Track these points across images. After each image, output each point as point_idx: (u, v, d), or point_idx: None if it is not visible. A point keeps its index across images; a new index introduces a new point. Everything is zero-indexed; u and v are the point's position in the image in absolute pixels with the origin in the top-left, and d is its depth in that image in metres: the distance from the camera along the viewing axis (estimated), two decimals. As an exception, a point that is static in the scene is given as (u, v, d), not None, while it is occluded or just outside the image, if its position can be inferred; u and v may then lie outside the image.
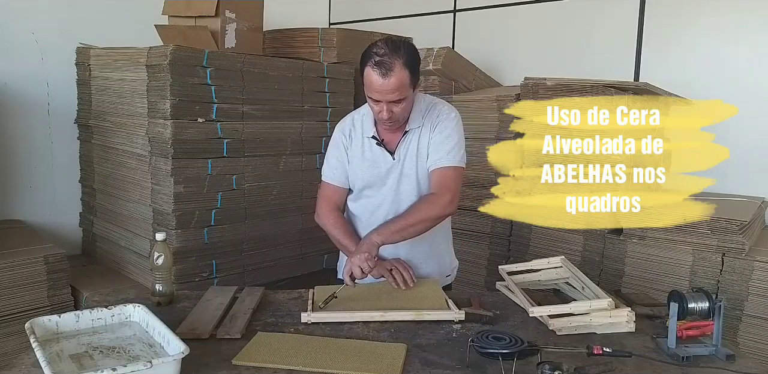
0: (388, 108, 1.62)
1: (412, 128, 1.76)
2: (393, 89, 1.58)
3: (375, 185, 1.80)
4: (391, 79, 1.56)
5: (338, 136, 1.83)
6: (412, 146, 1.77)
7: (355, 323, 1.49)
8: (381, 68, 1.56)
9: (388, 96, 1.59)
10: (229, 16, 2.67)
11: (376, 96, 1.60)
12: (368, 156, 1.78)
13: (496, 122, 2.76)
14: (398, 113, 1.64)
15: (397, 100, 1.60)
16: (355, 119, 1.83)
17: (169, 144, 2.33)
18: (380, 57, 1.56)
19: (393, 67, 1.56)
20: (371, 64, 1.57)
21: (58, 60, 2.90)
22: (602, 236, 2.45)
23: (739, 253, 2.17)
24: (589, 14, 3.13)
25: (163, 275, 1.59)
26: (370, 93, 1.62)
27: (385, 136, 1.78)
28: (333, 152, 1.84)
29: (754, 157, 2.71)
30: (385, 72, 1.55)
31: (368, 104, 1.68)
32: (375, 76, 1.57)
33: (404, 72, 1.58)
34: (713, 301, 1.39)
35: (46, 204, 2.98)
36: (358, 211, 1.87)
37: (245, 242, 2.67)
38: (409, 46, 1.63)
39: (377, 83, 1.57)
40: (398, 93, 1.59)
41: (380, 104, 1.62)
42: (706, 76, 2.81)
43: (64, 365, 1.17)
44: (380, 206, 1.81)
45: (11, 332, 2.29)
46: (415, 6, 3.82)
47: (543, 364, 1.15)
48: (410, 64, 1.60)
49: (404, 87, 1.60)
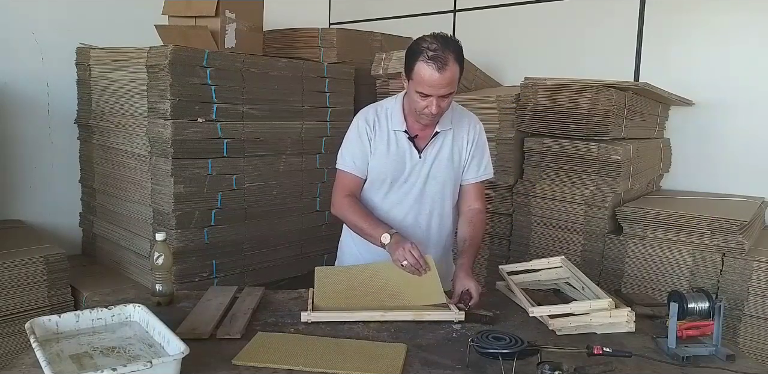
0: (438, 103, 1.62)
1: (443, 129, 1.77)
2: (447, 84, 1.59)
3: (396, 182, 1.80)
4: (447, 73, 1.57)
5: (362, 125, 1.79)
6: (443, 149, 1.78)
7: (355, 323, 1.50)
8: (436, 62, 1.56)
9: (440, 90, 1.60)
10: (229, 16, 2.67)
11: (429, 91, 1.60)
12: (394, 150, 1.77)
13: (496, 122, 2.76)
14: (444, 107, 1.66)
15: (447, 94, 1.62)
16: (379, 111, 1.81)
17: (169, 144, 2.33)
18: (433, 52, 1.56)
19: (447, 62, 1.57)
20: (424, 59, 1.57)
21: (58, 60, 2.90)
22: (602, 236, 2.45)
23: (739, 253, 2.17)
24: (589, 14, 3.13)
25: (163, 275, 1.59)
26: (421, 88, 1.61)
27: (417, 132, 1.77)
28: (355, 140, 1.79)
29: (754, 157, 2.72)
30: (440, 66, 1.56)
31: (412, 99, 1.66)
32: (430, 70, 1.56)
33: (456, 67, 1.60)
34: (713, 301, 1.39)
35: (46, 204, 2.98)
36: (375, 206, 1.85)
37: (245, 242, 2.67)
38: (457, 42, 1.65)
39: (433, 78, 1.57)
40: (450, 87, 1.61)
41: (429, 99, 1.62)
42: (706, 76, 2.81)
43: (64, 365, 1.17)
44: (398, 204, 1.81)
45: (11, 332, 2.28)
46: (415, 6, 3.82)
47: (543, 364, 1.15)
48: (460, 58, 1.63)
49: (455, 82, 1.62)
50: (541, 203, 2.61)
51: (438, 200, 1.83)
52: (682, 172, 2.97)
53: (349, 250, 1.95)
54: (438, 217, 1.85)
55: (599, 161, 2.45)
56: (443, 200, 1.84)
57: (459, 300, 1.59)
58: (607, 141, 2.44)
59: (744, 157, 2.75)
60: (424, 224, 1.84)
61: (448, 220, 1.89)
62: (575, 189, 2.52)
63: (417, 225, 1.84)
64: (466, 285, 1.62)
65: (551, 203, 2.58)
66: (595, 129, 2.45)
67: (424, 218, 1.84)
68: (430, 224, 1.85)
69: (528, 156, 2.69)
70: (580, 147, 2.50)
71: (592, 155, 2.47)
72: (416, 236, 1.81)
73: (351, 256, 1.94)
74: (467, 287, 1.62)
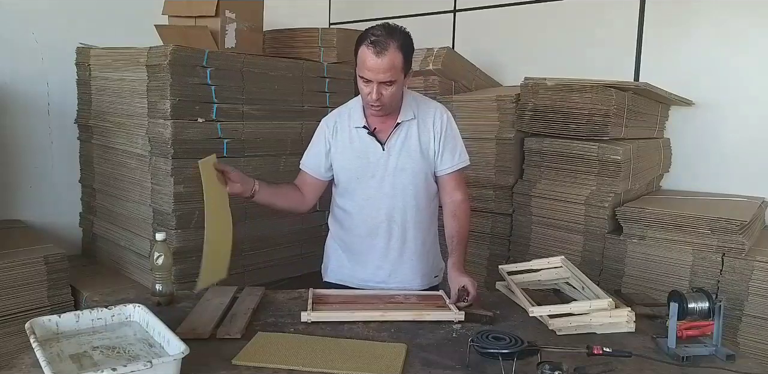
0: (378, 89, 1.63)
1: (404, 120, 1.77)
2: (386, 69, 1.59)
3: (363, 177, 1.79)
4: (385, 58, 1.58)
5: (322, 126, 1.86)
6: (409, 140, 1.78)
7: (355, 323, 1.50)
8: (376, 47, 1.58)
9: (379, 76, 1.60)
10: (229, 16, 2.67)
11: (368, 75, 1.61)
12: (357, 146, 1.79)
13: (496, 122, 2.76)
14: (387, 96, 1.65)
15: (387, 81, 1.62)
16: (342, 111, 1.85)
17: (169, 144, 2.33)
18: (376, 37, 1.59)
19: (388, 47, 1.58)
20: (366, 43, 1.60)
21: (58, 60, 2.89)
22: (602, 236, 2.45)
23: (739, 253, 2.17)
24: (589, 14, 3.13)
25: (163, 275, 1.59)
26: (361, 72, 1.63)
27: (376, 126, 1.78)
28: (315, 142, 1.87)
29: (754, 157, 2.72)
30: (379, 51, 1.58)
31: (359, 87, 1.69)
32: (369, 54, 1.59)
33: (398, 54, 1.60)
34: (713, 301, 1.39)
35: (46, 204, 2.97)
36: (347, 205, 1.86)
37: (245, 242, 2.66)
38: (405, 33, 1.66)
39: (370, 61, 1.59)
40: (390, 74, 1.61)
41: (370, 85, 1.63)
42: (706, 76, 2.81)
43: (64, 365, 1.17)
44: (369, 200, 1.81)
45: (11, 332, 2.28)
46: (415, 6, 3.82)
47: (543, 364, 1.15)
48: (404, 49, 1.63)
49: (396, 69, 1.61)
50: (541, 203, 2.61)
51: (410, 192, 1.80)
52: (682, 172, 2.97)
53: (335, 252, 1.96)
54: (413, 210, 1.82)
55: (599, 161, 2.45)
56: (416, 192, 1.81)
57: (458, 298, 1.59)
58: (607, 141, 2.44)
59: (744, 157, 2.75)
60: (399, 219, 1.82)
61: (425, 213, 1.86)
62: (575, 189, 2.52)
63: (392, 220, 1.81)
64: (461, 282, 1.63)
65: (551, 203, 2.58)
66: (595, 129, 2.45)
67: (399, 212, 1.81)
68: (406, 219, 1.82)
69: (528, 156, 2.69)
70: (580, 147, 2.50)
71: (592, 155, 2.47)
72: (392, 232, 1.82)
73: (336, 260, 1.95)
74: (462, 283, 1.62)
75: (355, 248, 1.87)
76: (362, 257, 1.86)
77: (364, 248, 1.85)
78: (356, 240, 1.86)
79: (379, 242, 1.83)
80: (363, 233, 1.84)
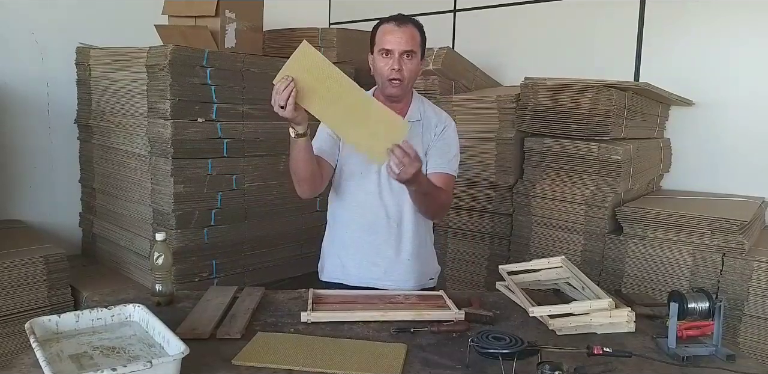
0: (399, 61, 1.66)
1: (412, 120, 1.77)
2: (408, 39, 1.65)
3: (364, 172, 1.79)
4: (406, 29, 1.66)
5: None
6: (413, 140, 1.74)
7: (355, 323, 1.49)
8: (397, 20, 1.67)
9: (402, 45, 1.65)
10: (229, 16, 2.67)
11: (390, 45, 1.66)
12: None
13: (496, 122, 2.76)
14: (407, 70, 1.68)
15: (409, 51, 1.66)
16: None
17: (169, 144, 2.33)
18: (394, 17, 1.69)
19: (407, 22, 1.68)
20: (386, 21, 1.69)
21: (58, 60, 2.90)
22: (602, 236, 2.45)
23: (739, 253, 2.17)
24: (589, 14, 3.13)
25: (163, 275, 1.59)
26: (382, 44, 1.67)
27: None
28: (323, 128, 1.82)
29: (754, 157, 2.72)
30: (400, 23, 1.66)
31: (377, 64, 1.70)
32: (390, 26, 1.67)
33: (416, 31, 1.69)
34: (713, 301, 1.39)
35: (46, 204, 2.98)
36: (346, 200, 1.84)
37: (245, 242, 2.67)
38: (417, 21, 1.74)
39: (392, 32, 1.66)
40: (412, 44, 1.66)
41: (392, 57, 1.66)
42: (706, 76, 2.81)
43: (64, 365, 1.17)
44: (371, 194, 1.80)
45: (11, 332, 2.29)
46: (415, 6, 3.80)
47: (543, 364, 1.15)
48: (421, 31, 1.72)
49: (416, 43, 1.68)
50: (541, 203, 2.61)
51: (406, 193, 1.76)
52: (682, 172, 2.97)
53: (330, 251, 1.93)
54: (411, 209, 1.81)
55: (599, 161, 2.45)
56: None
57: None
58: (607, 141, 2.44)
59: (744, 157, 2.75)
60: (396, 217, 1.81)
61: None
62: (575, 189, 2.52)
63: (390, 218, 1.81)
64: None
65: (551, 203, 2.58)
66: (596, 129, 2.45)
67: (397, 210, 1.80)
68: (403, 217, 1.82)
69: (528, 156, 2.69)
70: (580, 147, 2.50)
71: (593, 155, 2.47)
72: (390, 230, 1.81)
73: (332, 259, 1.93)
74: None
75: (352, 244, 1.86)
76: (358, 254, 1.85)
77: (360, 245, 1.84)
78: (353, 236, 1.85)
79: (376, 239, 1.82)
80: (360, 229, 1.83)
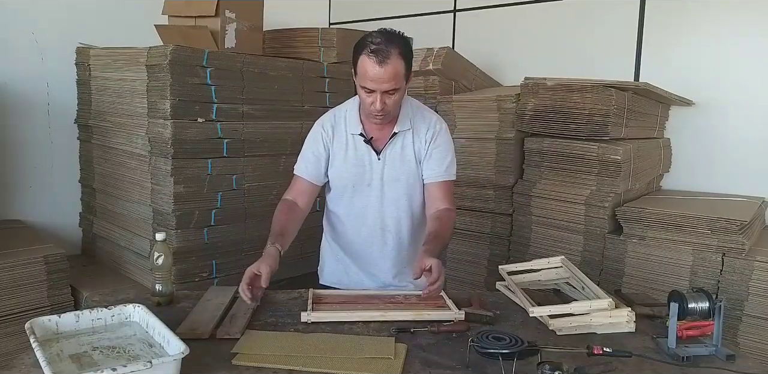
0: (382, 98, 1.58)
1: (402, 130, 1.74)
2: (389, 78, 1.55)
3: (359, 186, 1.76)
4: (388, 67, 1.53)
5: (318, 130, 1.78)
6: (405, 150, 1.74)
7: (355, 323, 1.49)
8: (378, 56, 1.53)
9: (383, 85, 1.56)
10: (229, 16, 2.67)
11: (371, 85, 1.57)
12: (352, 154, 1.75)
13: (496, 122, 2.76)
14: (390, 105, 1.61)
15: (391, 90, 1.58)
16: (337, 115, 1.79)
17: (169, 144, 2.33)
18: (376, 46, 1.54)
19: (389, 56, 1.53)
20: (367, 53, 1.54)
21: (58, 60, 2.89)
22: (602, 236, 2.45)
23: (739, 253, 2.17)
24: (589, 14, 3.13)
25: (163, 275, 1.59)
26: (363, 82, 1.58)
27: (373, 134, 1.74)
28: (310, 146, 1.78)
29: (754, 157, 2.72)
30: (381, 60, 1.53)
31: (360, 96, 1.65)
32: (370, 64, 1.53)
33: (400, 61, 1.56)
34: (713, 301, 1.39)
35: (46, 204, 2.97)
36: (341, 212, 1.82)
37: (245, 242, 2.66)
38: (404, 38, 1.62)
39: (373, 72, 1.54)
40: (393, 83, 1.56)
41: (373, 95, 1.59)
42: (706, 76, 2.81)
43: (64, 365, 1.17)
44: (365, 208, 1.78)
45: (11, 332, 2.28)
46: (415, 6, 3.82)
47: (543, 364, 1.15)
48: (405, 54, 1.58)
49: (399, 77, 1.57)
50: (541, 203, 2.61)
51: (405, 202, 1.77)
52: (682, 172, 2.97)
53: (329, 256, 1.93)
54: (408, 220, 1.79)
55: (599, 161, 2.45)
56: (411, 201, 1.78)
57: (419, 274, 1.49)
58: (607, 141, 2.45)
59: (744, 157, 2.75)
60: (394, 229, 1.79)
61: (420, 223, 1.82)
62: (575, 189, 2.52)
63: (387, 229, 1.79)
64: (427, 263, 1.48)
65: (551, 203, 2.58)
66: (596, 129, 2.45)
67: (393, 221, 1.78)
68: (401, 228, 1.80)
69: (528, 156, 2.69)
70: (580, 147, 2.51)
71: (592, 155, 2.47)
72: (387, 241, 1.79)
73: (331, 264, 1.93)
74: (429, 264, 1.47)
75: (350, 253, 1.85)
76: (356, 264, 1.85)
77: (358, 255, 1.83)
78: (351, 246, 1.84)
79: (374, 251, 1.81)
80: (357, 241, 1.82)
